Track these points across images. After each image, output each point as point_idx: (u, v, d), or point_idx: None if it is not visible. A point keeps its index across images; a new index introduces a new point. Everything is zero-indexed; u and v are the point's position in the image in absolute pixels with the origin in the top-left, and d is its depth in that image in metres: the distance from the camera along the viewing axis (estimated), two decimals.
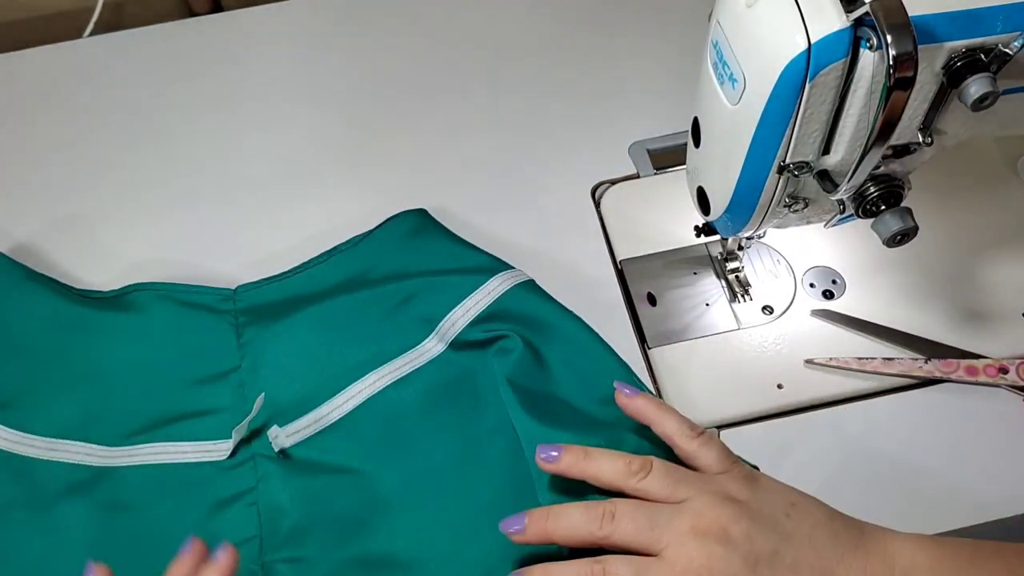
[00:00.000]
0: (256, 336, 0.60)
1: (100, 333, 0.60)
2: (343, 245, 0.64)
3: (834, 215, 0.52)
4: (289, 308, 0.61)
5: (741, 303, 0.62)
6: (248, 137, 0.72)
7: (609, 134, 0.71)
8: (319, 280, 0.63)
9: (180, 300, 0.62)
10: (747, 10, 0.43)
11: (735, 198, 0.50)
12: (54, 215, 0.68)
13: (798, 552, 0.44)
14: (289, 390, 0.58)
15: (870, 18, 0.39)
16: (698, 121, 0.51)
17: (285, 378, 0.59)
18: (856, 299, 0.62)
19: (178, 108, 0.73)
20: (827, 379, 0.58)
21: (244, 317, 0.61)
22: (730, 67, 0.45)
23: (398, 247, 0.63)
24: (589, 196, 0.68)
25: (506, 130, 0.72)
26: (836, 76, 0.42)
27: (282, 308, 0.61)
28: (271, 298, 0.62)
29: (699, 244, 0.64)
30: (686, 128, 0.52)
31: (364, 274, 0.63)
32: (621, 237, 0.65)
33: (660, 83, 0.73)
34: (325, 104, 0.74)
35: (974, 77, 0.42)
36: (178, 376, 0.59)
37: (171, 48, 0.77)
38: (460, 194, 0.68)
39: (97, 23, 0.81)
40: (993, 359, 0.58)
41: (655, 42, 0.76)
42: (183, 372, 0.59)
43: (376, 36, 0.78)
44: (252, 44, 0.77)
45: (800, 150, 0.46)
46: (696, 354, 0.60)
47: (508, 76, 0.75)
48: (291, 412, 0.57)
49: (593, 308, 0.61)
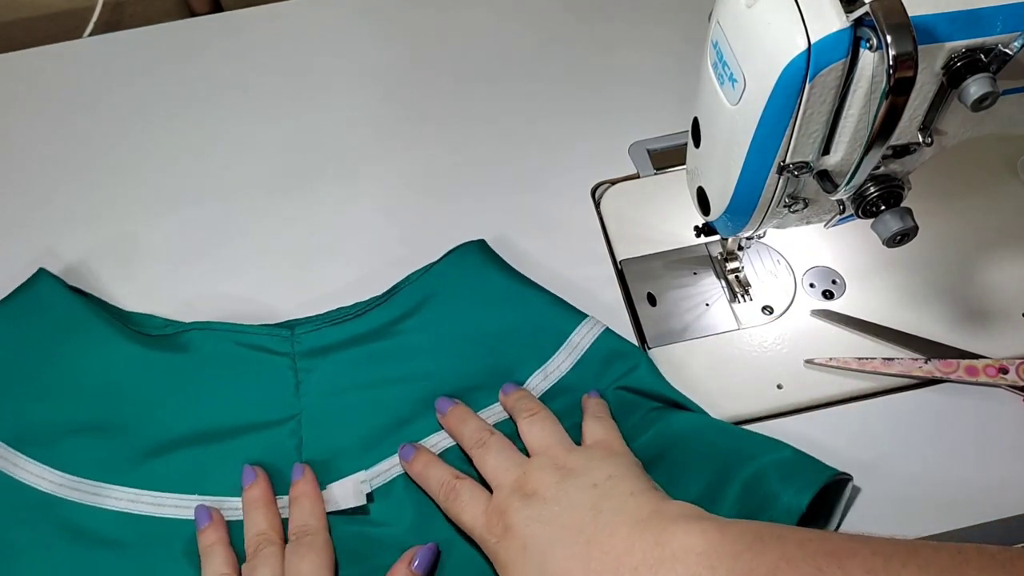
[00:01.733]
0: (315, 384, 0.59)
1: (154, 374, 0.59)
2: (402, 283, 0.62)
3: (834, 215, 0.52)
4: (350, 355, 0.60)
5: (741, 303, 0.62)
6: (248, 137, 0.72)
7: (609, 134, 0.71)
8: (382, 323, 0.61)
9: (238, 341, 0.60)
10: (747, 10, 0.43)
11: (735, 198, 0.50)
12: (53, 215, 0.68)
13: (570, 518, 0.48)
14: (344, 442, 0.57)
15: (870, 18, 0.39)
16: (698, 121, 0.51)
17: (342, 430, 0.57)
18: (856, 299, 0.62)
19: (178, 108, 0.73)
20: (827, 379, 0.58)
21: (304, 362, 0.59)
22: (730, 67, 0.44)
23: (462, 288, 0.61)
24: (589, 196, 0.68)
25: (506, 130, 0.72)
26: (836, 76, 0.42)
27: (343, 355, 0.60)
28: (331, 340, 0.60)
29: (699, 244, 0.64)
30: (686, 128, 0.52)
31: (429, 321, 0.60)
32: (621, 237, 0.65)
33: (660, 83, 0.73)
34: (325, 105, 0.74)
35: (974, 77, 0.42)
36: (234, 422, 0.58)
37: (171, 48, 0.77)
38: (460, 194, 0.68)
39: (97, 23, 0.82)
40: (993, 359, 0.58)
41: (655, 42, 0.76)
42: (239, 418, 0.58)
43: (375, 38, 0.78)
44: (252, 44, 0.77)
45: (800, 150, 0.46)
46: (696, 354, 0.60)
47: (508, 76, 0.75)
48: (344, 466, 0.56)
49: (593, 308, 0.61)
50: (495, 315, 0.60)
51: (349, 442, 0.57)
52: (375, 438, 0.57)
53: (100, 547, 0.53)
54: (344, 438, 0.57)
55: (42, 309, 0.61)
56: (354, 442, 0.57)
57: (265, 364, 0.59)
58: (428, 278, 0.62)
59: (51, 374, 0.59)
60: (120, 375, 0.59)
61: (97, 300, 0.63)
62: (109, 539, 0.54)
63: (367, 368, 0.59)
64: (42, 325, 0.60)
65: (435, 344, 0.60)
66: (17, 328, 0.60)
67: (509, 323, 0.60)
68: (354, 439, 0.57)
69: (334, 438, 0.57)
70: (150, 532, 0.54)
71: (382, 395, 0.58)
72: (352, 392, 0.58)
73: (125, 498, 0.55)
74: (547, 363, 0.59)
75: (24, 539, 0.54)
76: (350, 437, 0.57)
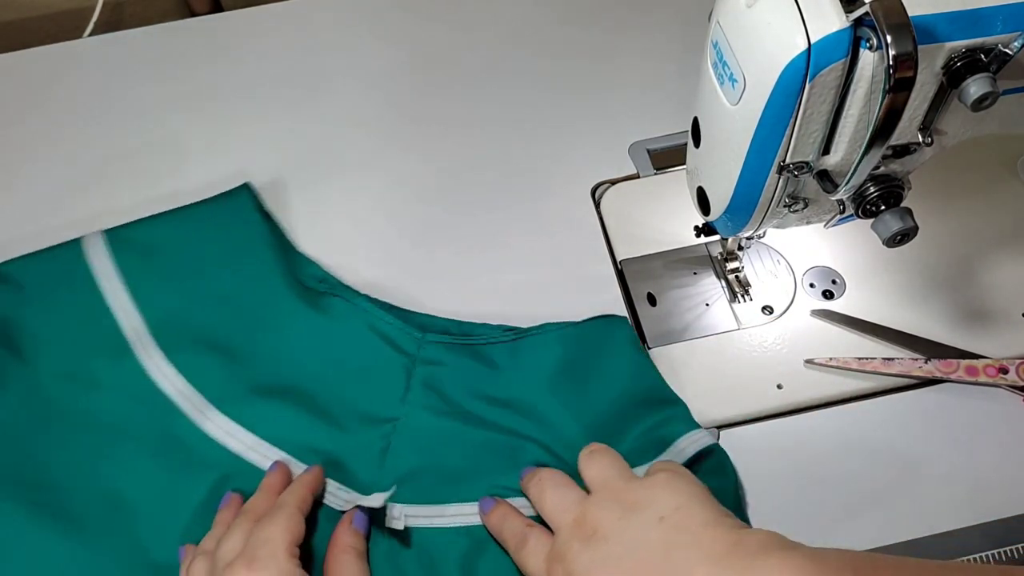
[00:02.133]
0: (423, 396, 0.58)
1: (292, 323, 0.60)
2: (534, 330, 0.60)
3: (834, 215, 0.52)
4: (466, 381, 0.58)
5: (741, 303, 0.62)
6: (247, 137, 0.72)
7: (609, 134, 0.71)
8: (505, 363, 0.59)
9: (371, 324, 0.60)
10: (747, 10, 0.43)
11: (735, 198, 0.50)
12: (52, 216, 0.68)
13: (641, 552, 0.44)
14: (428, 465, 0.55)
15: (870, 18, 0.39)
16: (698, 121, 0.51)
17: (429, 453, 0.56)
18: (856, 299, 0.62)
19: (178, 108, 0.73)
20: (827, 379, 0.58)
21: (421, 368, 0.59)
22: (730, 67, 0.44)
23: (595, 364, 0.59)
24: (589, 196, 0.68)
25: (506, 130, 0.72)
26: (836, 76, 0.42)
27: (459, 377, 0.59)
28: (453, 358, 0.59)
29: (699, 244, 0.64)
30: (686, 128, 0.52)
31: (551, 384, 0.58)
32: (621, 237, 0.65)
33: (660, 83, 0.73)
34: (325, 105, 0.74)
35: (974, 77, 0.42)
36: (338, 402, 0.58)
37: (171, 48, 0.77)
38: (460, 194, 0.68)
39: (97, 23, 0.81)
40: (993, 359, 0.58)
41: (655, 42, 0.76)
42: (344, 400, 0.58)
43: (375, 39, 0.78)
44: (252, 44, 0.77)
45: (800, 150, 0.46)
46: (696, 354, 0.60)
47: (507, 76, 0.75)
48: (419, 492, 0.54)
49: (593, 308, 0.61)
50: (617, 402, 0.57)
51: (431, 468, 0.55)
52: (453, 477, 0.55)
53: (183, 466, 0.55)
54: (428, 460, 0.56)
55: (232, 221, 0.64)
56: (435, 471, 0.55)
57: (386, 359, 0.59)
58: (565, 337, 0.59)
59: (211, 282, 0.61)
60: (265, 311, 0.60)
61: (279, 231, 0.65)
62: (194, 461, 0.55)
63: (476, 402, 0.58)
64: (226, 234, 0.63)
65: (549, 410, 0.57)
66: (204, 229, 0.63)
67: (629, 414, 0.57)
68: (437, 468, 0.55)
69: (419, 458, 0.56)
70: (228, 468, 0.55)
71: (479, 436, 0.56)
72: (453, 419, 0.57)
73: (222, 428, 0.56)
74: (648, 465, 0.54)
75: (130, 427, 0.56)
76: (434, 463, 0.55)
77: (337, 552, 0.50)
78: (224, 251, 0.62)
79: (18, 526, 0.52)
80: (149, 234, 0.63)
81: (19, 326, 0.59)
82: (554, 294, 0.62)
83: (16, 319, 0.60)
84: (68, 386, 0.57)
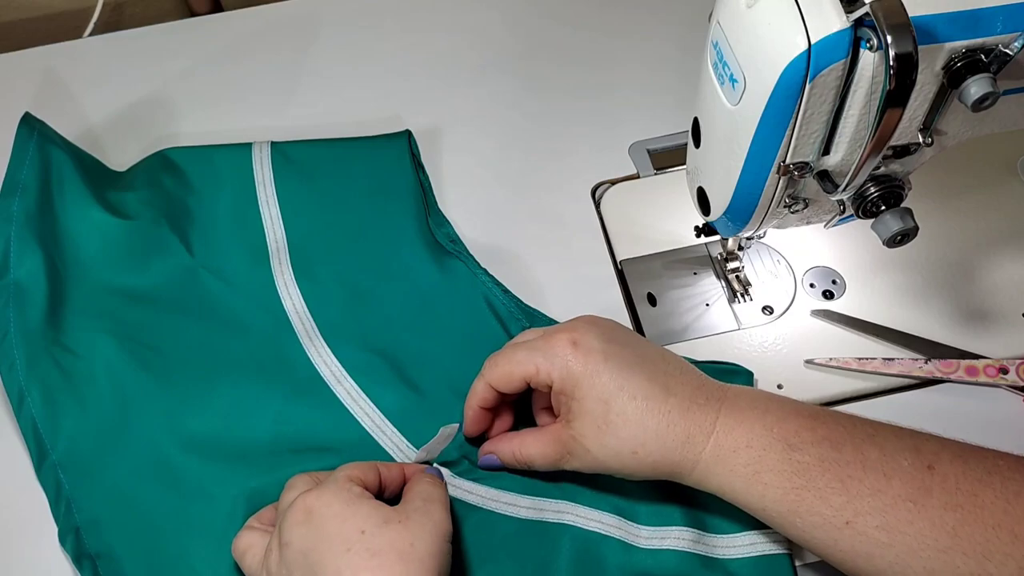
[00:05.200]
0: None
1: (420, 276, 0.62)
2: None
3: (834, 215, 0.52)
4: None
5: (741, 303, 0.62)
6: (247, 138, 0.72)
7: (609, 134, 0.71)
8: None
9: (487, 298, 0.61)
10: (747, 10, 0.43)
11: (735, 198, 0.50)
12: None
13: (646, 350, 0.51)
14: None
15: (870, 18, 0.39)
16: (698, 121, 0.51)
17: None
18: (856, 299, 0.62)
19: (178, 108, 0.73)
20: (827, 379, 0.58)
21: None
22: (730, 67, 0.45)
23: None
24: (589, 196, 0.68)
25: (506, 130, 0.72)
26: (836, 76, 0.42)
27: None
28: None
29: (699, 244, 0.64)
30: (686, 128, 0.52)
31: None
32: (621, 237, 0.65)
33: (660, 83, 0.74)
34: (324, 105, 0.74)
35: (974, 78, 0.42)
36: (440, 369, 0.58)
37: (171, 48, 0.77)
38: (460, 194, 0.68)
39: (97, 23, 0.81)
40: (993, 359, 0.58)
41: (655, 42, 0.76)
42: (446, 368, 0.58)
43: (374, 38, 0.78)
44: (252, 44, 0.77)
45: (800, 150, 0.46)
46: (696, 354, 0.60)
47: (507, 76, 0.75)
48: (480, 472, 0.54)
49: (593, 308, 0.60)
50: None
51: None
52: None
53: (279, 379, 0.57)
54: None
55: (385, 163, 0.67)
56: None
57: (492, 335, 0.59)
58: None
59: (352, 216, 0.64)
60: (393, 256, 0.63)
61: (427, 184, 0.67)
62: (291, 377, 0.57)
63: None
64: (377, 174, 0.66)
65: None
66: (358, 163, 0.66)
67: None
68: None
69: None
70: (317, 394, 0.57)
71: None
72: None
73: (323, 359, 0.58)
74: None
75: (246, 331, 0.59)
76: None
77: (419, 476, 0.50)
78: (371, 189, 0.65)
79: (117, 368, 0.57)
80: (309, 155, 0.67)
81: (183, 210, 0.64)
82: (554, 294, 0.62)
83: (180, 202, 0.64)
84: (208, 276, 0.61)
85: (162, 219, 0.63)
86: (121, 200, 0.64)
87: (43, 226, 0.61)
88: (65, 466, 0.54)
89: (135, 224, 0.62)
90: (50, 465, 0.54)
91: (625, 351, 0.49)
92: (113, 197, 0.64)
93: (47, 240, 0.61)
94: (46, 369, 0.56)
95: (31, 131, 0.64)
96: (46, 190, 0.62)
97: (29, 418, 0.55)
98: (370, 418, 0.56)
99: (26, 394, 0.56)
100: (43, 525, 0.54)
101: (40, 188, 0.62)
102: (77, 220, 0.62)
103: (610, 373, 0.48)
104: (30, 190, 0.62)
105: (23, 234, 0.60)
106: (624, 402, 0.48)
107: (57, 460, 0.54)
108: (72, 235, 0.62)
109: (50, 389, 0.56)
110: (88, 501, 0.53)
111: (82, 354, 0.57)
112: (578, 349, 0.49)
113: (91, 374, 0.56)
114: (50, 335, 0.58)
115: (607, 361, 0.48)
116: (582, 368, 0.48)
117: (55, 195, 0.63)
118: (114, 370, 0.57)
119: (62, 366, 0.57)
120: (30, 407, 0.55)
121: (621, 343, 0.50)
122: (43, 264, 0.60)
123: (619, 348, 0.49)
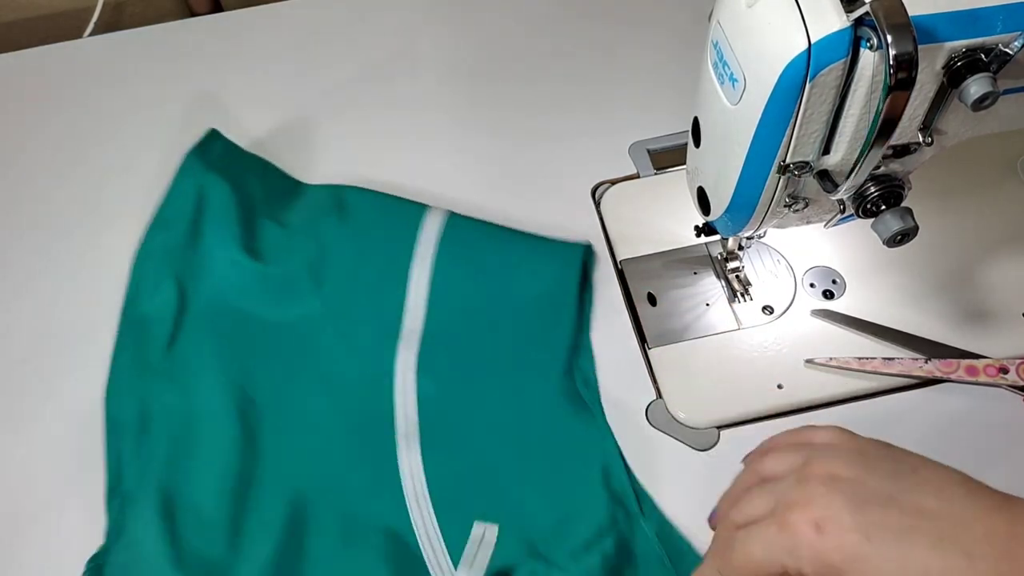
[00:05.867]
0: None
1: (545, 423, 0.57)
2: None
3: (834, 215, 0.52)
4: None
5: (741, 303, 0.62)
6: (247, 137, 0.72)
7: (609, 134, 0.71)
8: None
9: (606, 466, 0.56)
10: (747, 10, 0.43)
11: (735, 198, 0.50)
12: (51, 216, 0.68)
13: (921, 500, 0.39)
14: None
15: (870, 18, 0.39)
16: (698, 121, 0.51)
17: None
18: (856, 299, 0.62)
19: (177, 108, 0.73)
20: (827, 379, 0.58)
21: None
22: (730, 67, 0.45)
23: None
24: (589, 196, 0.68)
25: (506, 130, 0.72)
26: (836, 76, 0.42)
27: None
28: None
29: (699, 244, 0.64)
30: (686, 128, 0.52)
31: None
32: (621, 237, 0.65)
33: (660, 83, 0.74)
34: (324, 105, 0.74)
35: (974, 77, 0.42)
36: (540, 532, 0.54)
37: (171, 48, 0.77)
38: (461, 194, 0.68)
39: (97, 23, 0.82)
40: (993, 359, 0.58)
41: (655, 42, 0.76)
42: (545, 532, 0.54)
43: (374, 38, 0.78)
44: (252, 44, 0.77)
45: (800, 150, 0.46)
46: (696, 354, 0.60)
47: (508, 76, 0.75)
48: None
49: (593, 308, 0.61)
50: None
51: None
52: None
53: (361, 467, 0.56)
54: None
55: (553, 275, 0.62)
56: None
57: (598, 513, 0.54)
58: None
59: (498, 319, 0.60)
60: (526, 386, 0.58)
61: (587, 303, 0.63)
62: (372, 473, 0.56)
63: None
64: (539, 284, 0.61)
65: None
66: (524, 264, 0.62)
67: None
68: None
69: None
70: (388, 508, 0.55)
71: None
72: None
73: (410, 469, 0.56)
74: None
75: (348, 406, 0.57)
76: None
77: None
78: (525, 301, 0.60)
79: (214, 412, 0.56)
80: (479, 240, 0.62)
81: (333, 257, 0.61)
82: None
83: (333, 244, 0.61)
84: (332, 332, 0.59)
85: (304, 268, 0.61)
86: (271, 236, 0.63)
87: (183, 262, 0.61)
88: (132, 499, 0.54)
89: (274, 270, 0.61)
90: (119, 494, 0.54)
91: (889, 513, 0.38)
92: (265, 230, 0.63)
93: (184, 276, 0.61)
94: (148, 403, 0.57)
95: (200, 154, 0.64)
96: (195, 225, 0.62)
97: (116, 447, 0.56)
98: (432, 548, 0.53)
99: (120, 421, 0.56)
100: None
101: (191, 221, 0.62)
102: (217, 261, 0.61)
103: (881, 556, 0.37)
104: (178, 223, 0.62)
105: (160, 269, 0.61)
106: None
107: (125, 491, 0.54)
108: (209, 273, 0.61)
109: (146, 421, 0.56)
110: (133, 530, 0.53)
111: (188, 392, 0.57)
112: (827, 535, 0.38)
113: (187, 414, 0.56)
114: (164, 367, 0.58)
115: (871, 540, 0.37)
116: (840, 558, 0.38)
117: (204, 230, 0.62)
118: (214, 415, 0.56)
119: (163, 401, 0.57)
120: (119, 435, 0.56)
121: (881, 501, 0.38)
122: (174, 299, 0.60)
123: (880, 511, 0.38)
